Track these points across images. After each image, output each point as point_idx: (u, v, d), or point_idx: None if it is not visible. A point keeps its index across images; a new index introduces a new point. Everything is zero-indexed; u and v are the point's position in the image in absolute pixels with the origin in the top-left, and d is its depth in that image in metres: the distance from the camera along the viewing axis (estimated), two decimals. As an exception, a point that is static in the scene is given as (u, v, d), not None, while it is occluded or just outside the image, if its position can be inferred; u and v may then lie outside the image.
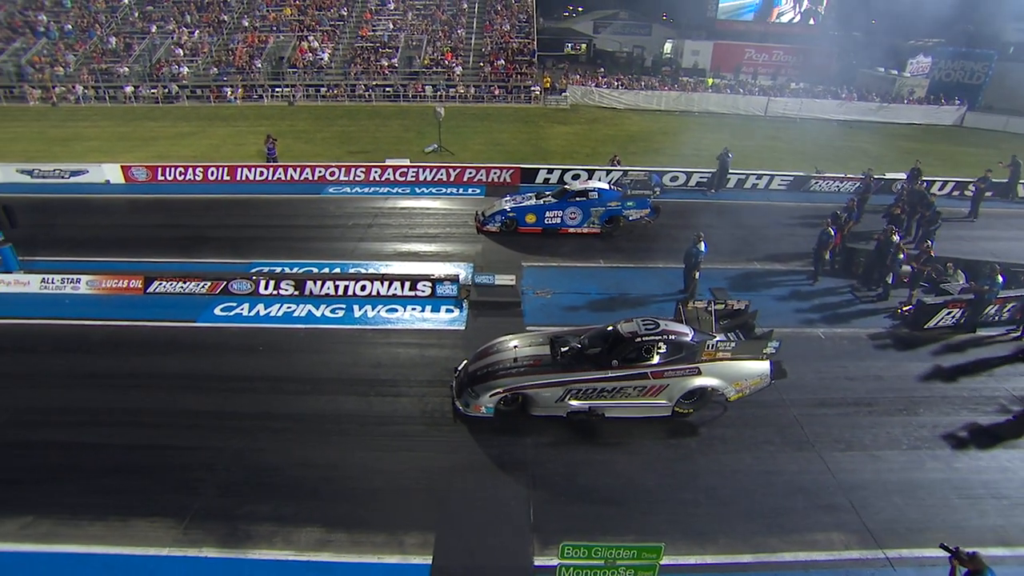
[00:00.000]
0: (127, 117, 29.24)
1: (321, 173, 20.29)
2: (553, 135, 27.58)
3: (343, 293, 12.85)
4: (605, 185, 17.03)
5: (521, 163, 20.90)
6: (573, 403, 9.13)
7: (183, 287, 12.90)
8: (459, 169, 20.39)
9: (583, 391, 9.09)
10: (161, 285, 12.94)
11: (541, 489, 8.13)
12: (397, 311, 12.40)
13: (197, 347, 11.26)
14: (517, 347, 9.70)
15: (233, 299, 12.71)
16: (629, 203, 16.22)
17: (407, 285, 12.89)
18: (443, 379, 10.12)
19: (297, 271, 13.81)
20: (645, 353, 9.00)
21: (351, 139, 25.79)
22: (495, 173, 20.32)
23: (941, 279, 13.20)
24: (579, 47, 48.28)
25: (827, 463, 8.71)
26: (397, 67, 33.87)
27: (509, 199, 16.70)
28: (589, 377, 9.04)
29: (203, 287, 12.89)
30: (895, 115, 33.18)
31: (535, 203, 16.18)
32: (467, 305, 12.53)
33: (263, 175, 20.22)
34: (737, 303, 10.40)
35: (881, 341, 11.87)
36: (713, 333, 9.58)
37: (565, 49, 47.75)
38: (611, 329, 9.35)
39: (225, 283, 12.89)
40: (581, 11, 52.44)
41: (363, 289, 12.87)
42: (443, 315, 12.30)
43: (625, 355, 8.98)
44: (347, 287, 12.88)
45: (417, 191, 19.76)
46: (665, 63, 43.15)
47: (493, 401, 9.10)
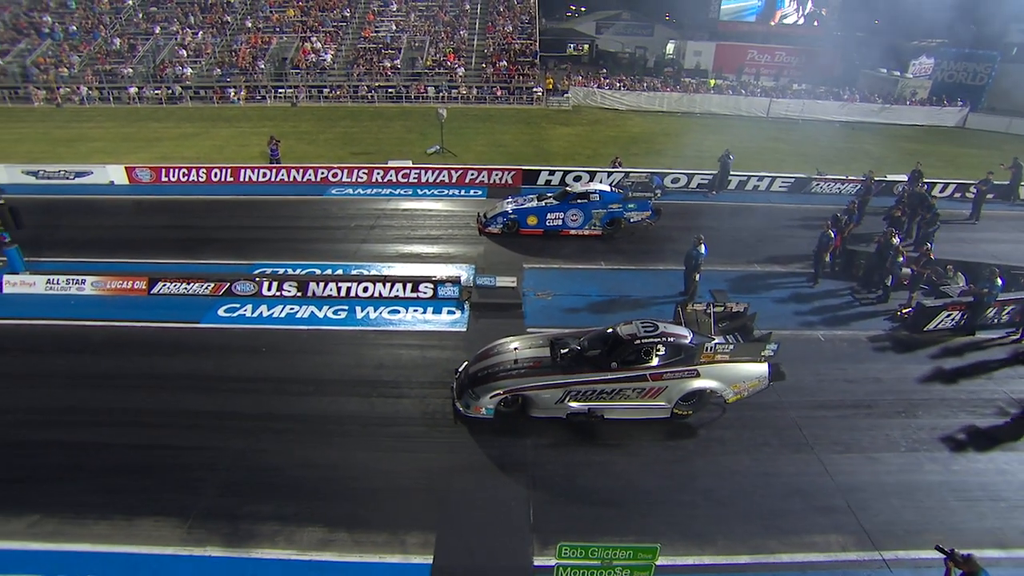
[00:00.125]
0: (131, 118, 29.38)
1: (324, 174, 20.39)
2: (555, 136, 27.62)
3: (345, 295, 12.95)
4: (606, 187, 17.09)
5: (523, 165, 20.97)
6: (573, 405, 9.21)
7: (187, 288, 13.02)
8: (461, 170, 20.47)
9: (583, 393, 9.16)
10: (165, 286, 13.05)
11: (541, 490, 8.20)
12: (399, 313, 12.50)
13: (201, 348, 11.36)
14: (517, 349, 9.78)
15: (236, 300, 12.83)
16: (630, 205, 16.28)
17: (409, 287, 12.98)
18: (444, 380, 10.20)
19: (300, 272, 13.92)
20: (644, 355, 9.06)
21: (354, 140, 25.88)
22: (497, 175, 20.41)
23: (941, 282, 13.23)
24: (581, 48, 48.29)
25: (825, 465, 8.77)
26: (400, 68, 33.95)
27: (511, 201, 16.78)
28: (588, 379, 9.11)
29: (207, 288, 13.01)
30: (897, 116, 33.14)
31: (537, 205, 16.26)
32: (468, 307, 12.62)
33: (266, 176, 20.33)
34: (736, 305, 10.47)
35: (880, 343, 11.92)
36: (712, 335, 9.65)
37: (567, 50, 47.77)
38: (610, 331, 9.42)
39: (228, 284, 13.01)
40: (584, 11, 52.46)
41: (365, 291, 12.97)
42: (445, 317, 12.39)
43: (624, 357, 9.05)
44: (350, 289, 12.99)
45: (419, 192, 19.86)
46: (667, 64, 43.14)
47: (493, 402, 9.18)
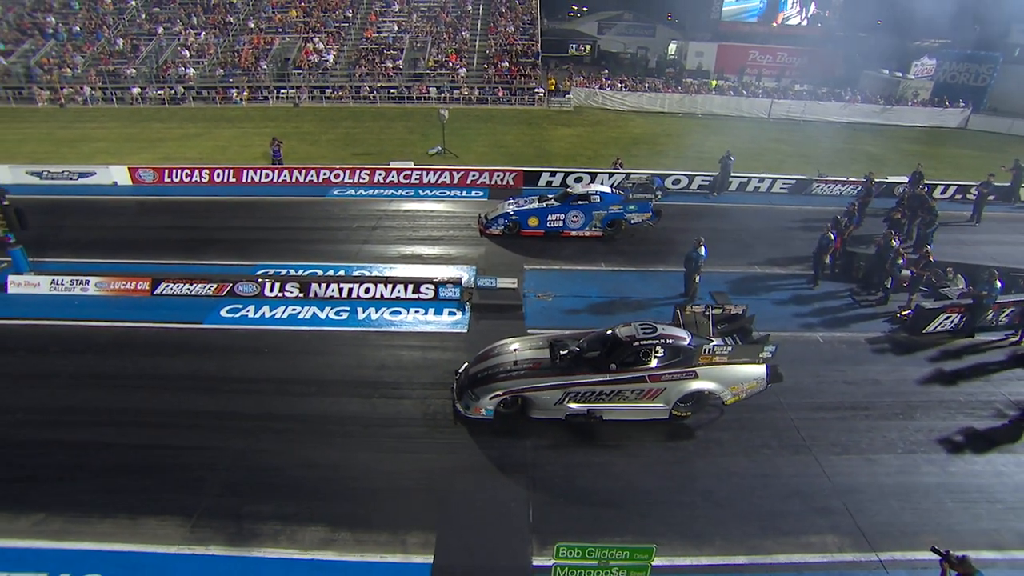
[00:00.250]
0: (134, 118, 29.51)
1: (326, 175, 20.47)
2: (556, 137, 27.66)
3: (347, 295, 13.03)
4: (607, 188, 17.14)
5: (524, 166, 21.03)
6: (572, 406, 9.27)
7: (190, 289, 13.11)
8: (462, 172, 20.54)
9: (582, 394, 9.22)
10: (168, 287, 13.14)
11: (540, 490, 8.27)
12: (400, 314, 12.58)
13: (203, 349, 11.44)
14: (517, 350, 9.85)
15: (239, 301, 12.91)
16: (631, 206, 16.33)
17: (410, 288, 13.06)
18: (445, 381, 10.27)
19: (302, 273, 14.00)
20: (643, 357, 9.12)
21: (355, 141, 25.96)
22: (498, 176, 20.48)
23: (940, 283, 13.27)
24: (583, 48, 48.25)
25: (823, 466, 8.83)
26: (402, 69, 34.01)
27: (512, 202, 16.84)
28: (588, 380, 9.17)
29: (209, 289, 13.10)
30: (899, 117, 33.10)
31: (538, 206, 16.33)
32: (469, 308, 12.69)
33: (268, 177, 20.43)
34: (735, 307, 10.52)
35: (879, 345, 11.96)
36: (710, 337, 9.72)
37: (569, 50, 47.71)
38: (610, 333, 9.49)
39: (231, 285, 13.09)
40: (585, 12, 52.44)
41: (367, 292, 13.05)
42: (446, 318, 12.47)
43: (623, 359, 9.11)
44: (351, 290, 13.07)
45: (421, 193, 19.93)
46: (669, 65, 43.12)
47: (493, 403, 9.24)
